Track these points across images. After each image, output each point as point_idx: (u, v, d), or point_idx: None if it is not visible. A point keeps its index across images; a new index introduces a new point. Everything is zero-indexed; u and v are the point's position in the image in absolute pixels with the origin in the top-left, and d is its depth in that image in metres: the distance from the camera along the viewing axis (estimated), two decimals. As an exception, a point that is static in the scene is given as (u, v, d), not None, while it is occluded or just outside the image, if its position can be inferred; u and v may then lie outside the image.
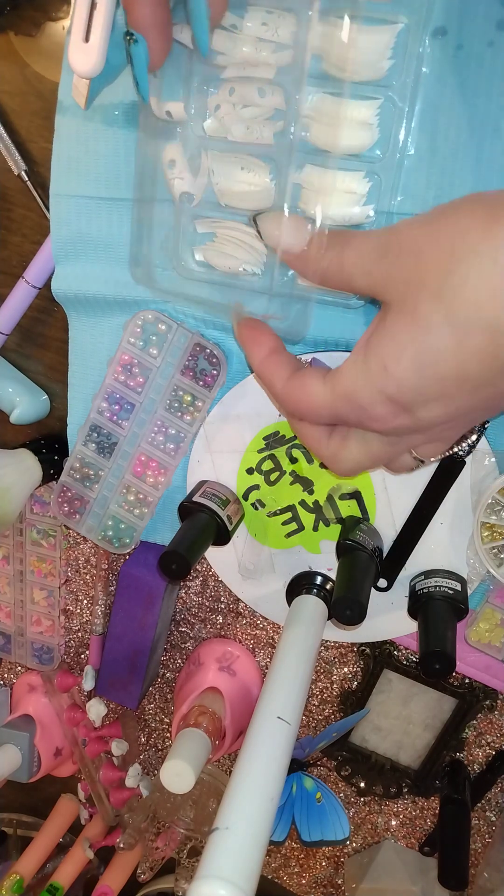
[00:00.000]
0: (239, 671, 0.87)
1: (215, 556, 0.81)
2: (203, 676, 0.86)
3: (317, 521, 0.75)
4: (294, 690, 0.63)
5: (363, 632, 0.80)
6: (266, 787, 0.54)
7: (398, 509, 0.72)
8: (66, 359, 0.76)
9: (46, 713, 0.98)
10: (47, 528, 0.89)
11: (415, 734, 0.89)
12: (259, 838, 0.50)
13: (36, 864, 1.09)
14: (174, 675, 0.95)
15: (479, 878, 0.92)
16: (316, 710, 0.92)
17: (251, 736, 0.58)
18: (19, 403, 0.81)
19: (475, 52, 0.56)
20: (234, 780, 0.54)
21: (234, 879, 0.46)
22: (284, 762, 0.57)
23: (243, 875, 0.47)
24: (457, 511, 0.71)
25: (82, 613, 0.95)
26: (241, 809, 0.51)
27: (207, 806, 0.96)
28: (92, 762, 0.99)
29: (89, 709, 0.95)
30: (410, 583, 0.74)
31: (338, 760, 0.94)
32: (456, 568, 0.73)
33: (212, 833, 0.50)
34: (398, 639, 0.82)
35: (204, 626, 0.91)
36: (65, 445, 0.82)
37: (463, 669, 0.81)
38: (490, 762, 0.88)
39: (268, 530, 0.77)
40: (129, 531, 0.80)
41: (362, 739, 0.92)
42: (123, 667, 0.89)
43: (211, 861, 0.47)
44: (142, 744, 1.02)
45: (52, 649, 0.97)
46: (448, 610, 0.69)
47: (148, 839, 0.99)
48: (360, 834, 0.99)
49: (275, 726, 0.59)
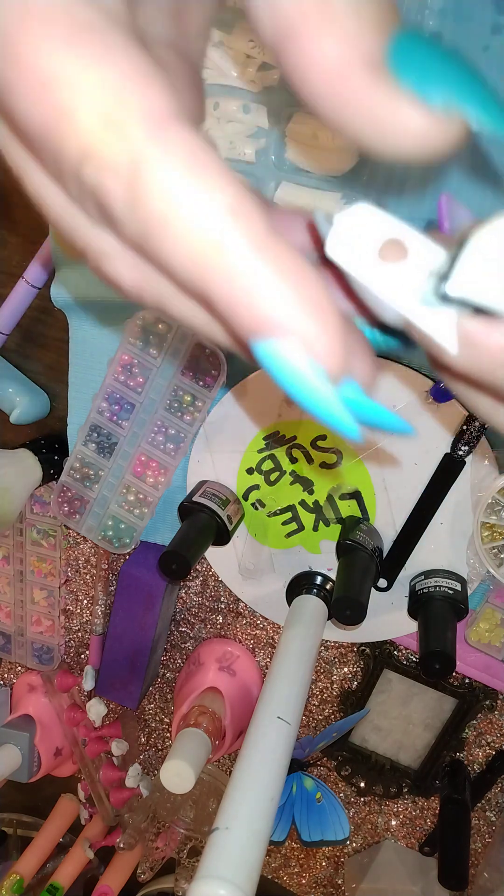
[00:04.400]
0: (239, 671, 0.87)
1: (215, 556, 0.80)
2: (203, 676, 0.86)
3: (317, 521, 0.75)
4: (294, 690, 0.63)
5: (363, 632, 0.80)
6: (266, 787, 0.54)
7: (398, 509, 0.72)
8: (66, 359, 0.76)
9: (46, 713, 0.98)
10: (47, 528, 0.89)
11: (415, 734, 0.89)
12: (259, 838, 0.50)
13: (36, 864, 1.09)
14: (174, 675, 0.95)
15: (479, 877, 0.92)
16: (316, 710, 0.92)
17: (251, 736, 0.58)
18: (19, 403, 0.81)
19: (470, 57, 0.56)
20: (234, 780, 0.54)
21: (233, 879, 0.46)
22: (284, 762, 0.57)
23: (243, 875, 0.47)
24: (457, 511, 0.71)
25: (82, 613, 0.95)
26: (241, 809, 0.51)
27: (207, 806, 0.96)
28: (92, 762, 0.99)
29: (89, 709, 0.95)
30: (410, 583, 0.74)
31: (338, 760, 0.94)
32: (456, 568, 0.73)
33: (212, 833, 0.50)
34: (398, 639, 0.82)
35: (204, 626, 0.91)
36: (65, 445, 0.82)
37: (463, 669, 0.81)
38: (490, 762, 0.88)
39: (268, 530, 0.77)
40: (129, 531, 0.80)
41: (362, 739, 0.92)
42: (123, 667, 0.89)
43: (211, 861, 0.47)
44: (142, 744, 1.02)
45: (52, 649, 0.97)
46: (448, 610, 0.69)
47: (148, 839, 0.99)
48: (360, 834, 0.99)
49: (275, 726, 0.59)
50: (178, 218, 0.20)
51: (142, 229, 0.20)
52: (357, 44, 0.21)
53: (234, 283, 0.20)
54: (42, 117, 0.20)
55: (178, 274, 0.21)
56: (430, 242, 0.21)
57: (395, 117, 0.20)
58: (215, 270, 0.20)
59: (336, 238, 0.21)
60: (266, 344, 0.20)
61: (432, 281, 0.21)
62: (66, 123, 0.20)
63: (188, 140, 0.20)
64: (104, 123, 0.20)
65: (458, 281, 0.20)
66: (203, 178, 0.20)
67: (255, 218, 0.20)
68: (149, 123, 0.20)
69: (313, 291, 0.20)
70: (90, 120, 0.20)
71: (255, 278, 0.20)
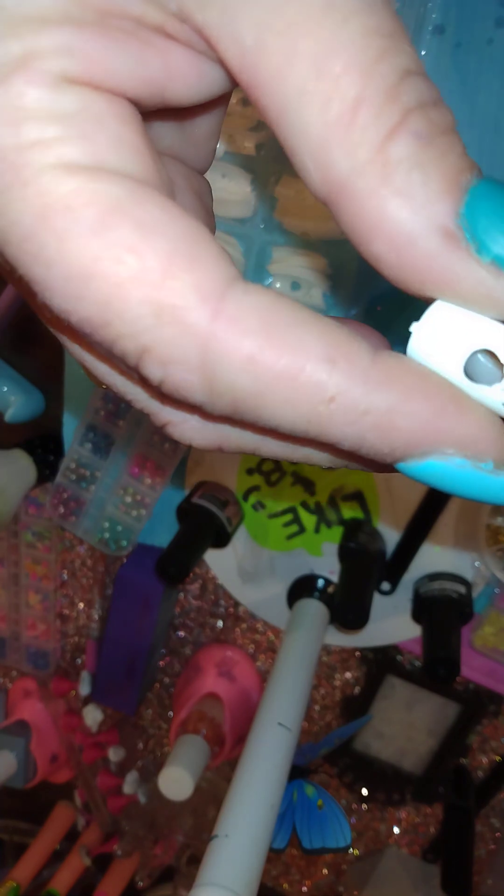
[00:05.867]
0: (238, 676, 0.87)
1: (214, 558, 0.80)
2: (202, 682, 0.85)
3: (318, 522, 0.74)
4: (295, 696, 0.63)
5: (366, 636, 0.79)
6: (266, 794, 0.53)
7: (402, 511, 0.71)
8: (62, 357, 0.75)
9: (42, 718, 0.98)
10: (42, 530, 0.89)
11: (418, 740, 0.89)
12: (259, 846, 0.50)
13: (32, 871, 1.08)
14: (172, 680, 0.94)
15: (482, 885, 0.92)
16: (317, 717, 0.91)
17: (251, 742, 0.58)
18: (14, 402, 0.80)
19: (474, 50, 0.56)
20: (233, 787, 0.54)
21: (233, 887, 0.46)
22: (285, 769, 0.57)
23: (243, 883, 0.46)
24: (462, 513, 0.70)
25: (78, 617, 0.94)
26: (241, 817, 0.51)
27: (206, 813, 0.95)
28: (89, 768, 0.98)
29: (86, 714, 0.95)
30: (414, 586, 0.73)
31: (340, 767, 0.93)
32: (461, 571, 0.72)
33: (211, 840, 0.50)
34: (402, 643, 0.81)
35: (203, 631, 0.90)
36: (60, 445, 0.82)
37: (468, 674, 0.80)
38: (495, 768, 0.88)
39: (268, 532, 0.76)
40: (126, 533, 0.79)
41: (365, 746, 0.91)
42: (120, 672, 0.89)
43: (210, 869, 0.47)
44: (139, 750, 1.01)
45: (47, 653, 0.96)
46: (453, 614, 0.69)
47: (146, 846, 0.98)
48: (362, 841, 0.98)
49: (275, 732, 0.59)
50: (275, 391, 0.18)
51: (230, 408, 0.19)
52: (426, 206, 0.18)
53: (360, 427, 0.19)
54: (86, 313, 0.18)
55: (286, 431, 0.20)
56: None
57: (474, 290, 0.19)
58: (334, 424, 0.19)
59: (419, 348, 0.20)
60: (426, 463, 0.20)
61: None
62: (114, 320, 0.18)
63: (254, 304, 0.18)
64: (156, 314, 0.18)
65: None
66: (285, 340, 0.18)
67: (354, 353, 0.19)
68: (206, 302, 0.18)
69: (448, 396, 0.19)
70: (140, 313, 0.18)
71: (383, 416, 0.19)
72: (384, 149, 0.18)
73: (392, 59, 0.18)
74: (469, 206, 0.18)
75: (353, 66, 0.18)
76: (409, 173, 0.18)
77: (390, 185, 0.18)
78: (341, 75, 0.18)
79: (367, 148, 0.18)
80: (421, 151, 0.18)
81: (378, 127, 0.18)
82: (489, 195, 0.19)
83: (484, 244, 0.18)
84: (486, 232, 0.18)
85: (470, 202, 0.18)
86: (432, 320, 0.20)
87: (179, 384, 0.19)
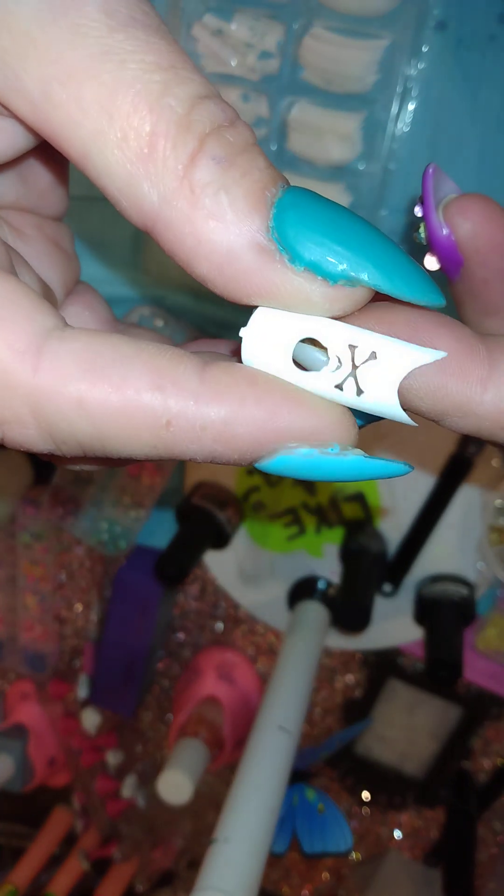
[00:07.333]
0: (238, 679, 0.86)
1: (214, 560, 0.79)
2: (201, 685, 0.85)
3: (319, 523, 0.74)
4: (296, 699, 0.63)
5: (367, 638, 0.79)
6: (266, 798, 0.53)
7: (404, 511, 0.71)
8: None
9: (40, 721, 0.98)
10: (40, 531, 0.88)
11: (420, 743, 0.88)
12: (259, 850, 0.50)
13: (30, 875, 1.08)
14: (172, 683, 0.94)
15: (484, 890, 0.92)
16: (318, 720, 0.91)
17: (251, 746, 0.58)
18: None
19: (476, 47, 0.56)
20: (233, 791, 0.54)
21: (233, 892, 0.46)
22: (285, 773, 0.57)
23: (243, 887, 0.47)
24: (464, 514, 0.69)
25: (76, 619, 0.94)
26: (241, 821, 0.51)
27: (206, 817, 0.95)
28: (87, 772, 0.98)
29: (84, 717, 0.95)
30: (416, 588, 0.73)
31: (341, 771, 0.93)
32: (464, 572, 0.72)
33: (211, 845, 0.50)
34: (403, 646, 0.81)
35: (202, 633, 0.90)
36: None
37: (470, 677, 0.80)
38: (497, 771, 0.88)
39: (268, 533, 0.76)
40: (125, 534, 0.79)
41: (366, 749, 0.91)
42: (119, 675, 0.89)
43: (210, 873, 0.47)
44: (138, 753, 1.01)
45: (45, 656, 0.96)
46: (456, 616, 0.69)
47: (145, 850, 0.98)
48: (363, 845, 0.98)
49: (276, 736, 0.59)
50: (113, 427, 0.20)
51: (79, 451, 0.21)
52: (236, 225, 0.19)
53: (203, 442, 0.20)
54: None
55: (141, 458, 0.21)
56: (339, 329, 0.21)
57: (294, 296, 0.20)
58: (178, 444, 0.20)
59: (250, 353, 0.21)
60: (276, 459, 0.21)
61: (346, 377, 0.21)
62: None
63: (71, 350, 0.19)
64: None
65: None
66: (109, 379, 0.19)
67: (180, 376, 0.20)
68: (23, 359, 0.19)
69: (280, 395, 0.20)
70: None
71: (221, 428, 0.20)
72: (188, 175, 0.19)
73: (177, 90, 0.19)
74: (277, 219, 0.20)
75: (140, 104, 0.19)
76: (215, 196, 0.19)
77: (201, 210, 0.19)
78: (131, 113, 0.19)
79: (170, 177, 0.19)
80: (223, 173, 0.19)
81: (178, 156, 0.19)
82: (295, 205, 0.20)
83: (296, 253, 0.19)
84: (297, 241, 0.19)
85: (277, 215, 0.20)
86: (258, 324, 0.21)
87: (19, 440, 0.20)
